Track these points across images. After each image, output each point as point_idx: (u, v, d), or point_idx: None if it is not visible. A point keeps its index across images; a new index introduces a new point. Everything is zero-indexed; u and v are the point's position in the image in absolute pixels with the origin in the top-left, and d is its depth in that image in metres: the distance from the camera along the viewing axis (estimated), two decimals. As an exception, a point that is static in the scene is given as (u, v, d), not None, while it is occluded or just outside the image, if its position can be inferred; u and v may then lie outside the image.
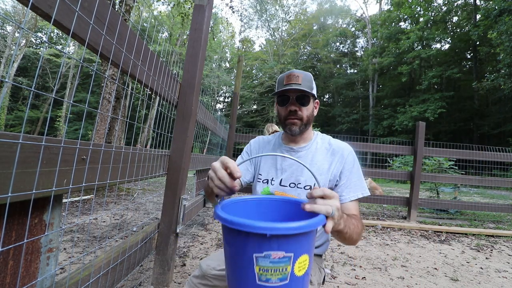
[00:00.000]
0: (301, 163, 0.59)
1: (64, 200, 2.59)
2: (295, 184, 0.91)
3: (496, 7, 12.36)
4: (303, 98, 0.90)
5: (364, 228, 0.81)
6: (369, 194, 0.91)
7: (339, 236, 0.72)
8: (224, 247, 0.56)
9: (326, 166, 0.91)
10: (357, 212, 0.87)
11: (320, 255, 0.97)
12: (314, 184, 0.88)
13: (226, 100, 29.39)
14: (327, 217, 0.56)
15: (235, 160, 1.08)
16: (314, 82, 0.94)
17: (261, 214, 0.72)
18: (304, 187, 0.90)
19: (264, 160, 0.99)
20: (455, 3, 18.13)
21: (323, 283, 0.96)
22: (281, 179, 0.93)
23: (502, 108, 16.09)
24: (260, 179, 0.98)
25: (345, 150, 0.93)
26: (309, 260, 0.54)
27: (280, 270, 0.50)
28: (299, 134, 0.94)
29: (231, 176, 0.57)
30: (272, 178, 0.95)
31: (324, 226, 0.56)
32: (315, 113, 0.98)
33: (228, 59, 28.33)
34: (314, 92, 0.93)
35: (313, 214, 0.56)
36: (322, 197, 0.57)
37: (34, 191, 0.57)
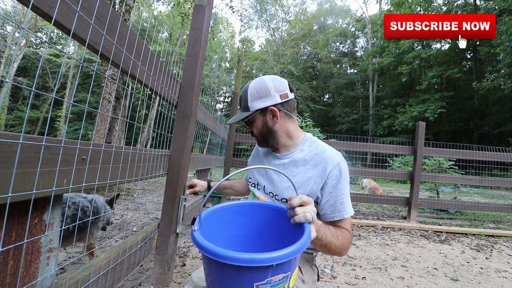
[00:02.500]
0: (287, 176, 0.63)
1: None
2: (273, 194, 0.90)
3: (496, 7, 12.36)
4: (246, 122, 0.94)
5: (349, 243, 0.79)
6: (353, 213, 0.85)
7: (313, 243, 0.70)
8: (213, 275, 0.52)
9: (304, 178, 0.85)
10: (348, 228, 0.83)
11: (311, 253, 0.95)
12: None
13: (226, 100, 29.39)
14: (309, 223, 0.60)
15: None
16: (252, 95, 0.88)
17: (243, 225, 0.70)
18: (281, 200, 0.87)
19: (258, 161, 1.05)
20: (455, 3, 18.15)
21: (318, 280, 0.96)
22: (264, 186, 0.94)
23: (502, 108, 16.09)
24: (250, 181, 1.02)
25: (329, 163, 0.82)
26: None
27: None
28: (268, 146, 0.96)
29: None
30: (258, 183, 0.97)
31: None
32: (275, 121, 0.89)
33: (228, 59, 28.34)
34: (253, 106, 0.88)
35: (295, 225, 0.61)
36: (301, 205, 0.62)
37: (34, 191, 0.57)
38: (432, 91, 18.13)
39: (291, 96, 0.90)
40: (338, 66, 27.90)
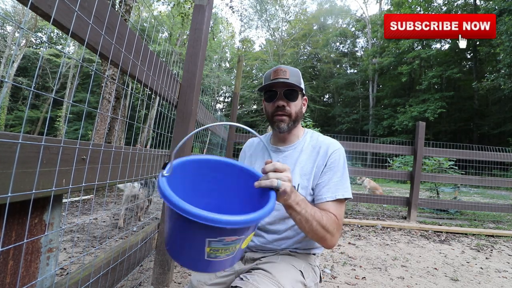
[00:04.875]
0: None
1: (64, 200, 2.59)
2: None
3: (496, 7, 12.36)
4: (291, 93, 0.87)
5: (336, 229, 0.76)
6: (351, 197, 0.83)
7: (293, 216, 0.70)
8: (170, 221, 0.54)
9: (309, 166, 0.87)
10: (337, 214, 0.79)
11: (314, 254, 0.93)
12: (298, 185, 0.85)
13: (226, 100, 29.38)
14: (277, 190, 0.59)
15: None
16: (301, 78, 0.91)
17: (211, 181, 0.70)
18: None
19: (255, 162, 1.00)
20: (455, 3, 18.15)
21: (320, 281, 0.94)
22: None
23: (502, 108, 16.08)
24: None
25: (330, 147, 0.87)
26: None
27: (230, 248, 0.53)
28: (288, 131, 0.91)
29: None
30: None
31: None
32: (304, 110, 0.94)
33: (228, 59, 28.31)
34: (303, 87, 0.91)
35: (264, 191, 0.61)
36: (274, 171, 0.61)
37: (34, 191, 0.57)
38: (432, 91, 18.12)
39: None
40: (338, 66, 27.88)
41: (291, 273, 0.78)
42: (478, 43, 16.47)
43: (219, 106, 28.40)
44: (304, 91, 0.93)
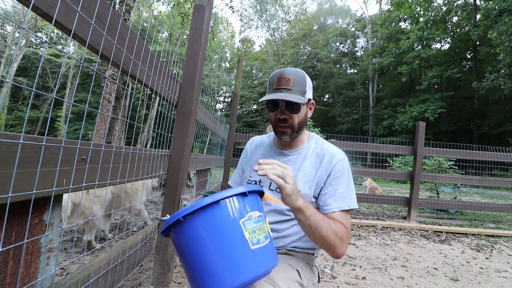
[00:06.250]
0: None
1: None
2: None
3: (496, 7, 12.35)
4: (294, 105, 0.84)
5: (345, 237, 0.76)
6: (357, 207, 0.86)
7: (302, 222, 0.71)
8: (202, 245, 0.53)
9: (312, 173, 0.87)
10: (344, 223, 0.80)
11: (312, 254, 0.94)
12: (299, 191, 0.84)
13: (226, 100, 29.37)
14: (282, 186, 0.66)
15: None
16: (307, 82, 0.88)
17: None
18: None
19: (256, 160, 0.99)
20: (455, 3, 18.11)
21: (318, 281, 0.93)
22: (270, 182, 0.91)
23: (502, 108, 16.08)
24: (250, 181, 0.97)
25: (335, 157, 0.87)
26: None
27: (262, 228, 0.57)
28: (290, 138, 0.90)
29: None
30: (260, 180, 0.94)
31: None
32: (310, 114, 0.93)
33: (228, 59, 28.30)
34: (308, 94, 0.87)
35: None
36: (278, 166, 0.67)
37: (34, 191, 0.57)
38: (432, 91, 18.11)
39: None
40: (338, 66, 27.87)
41: (287, 273, 0.78)
42: (478, 43, 16.47)
43: (219, 106, 28.41)
44: (310, 97, 0.89)
